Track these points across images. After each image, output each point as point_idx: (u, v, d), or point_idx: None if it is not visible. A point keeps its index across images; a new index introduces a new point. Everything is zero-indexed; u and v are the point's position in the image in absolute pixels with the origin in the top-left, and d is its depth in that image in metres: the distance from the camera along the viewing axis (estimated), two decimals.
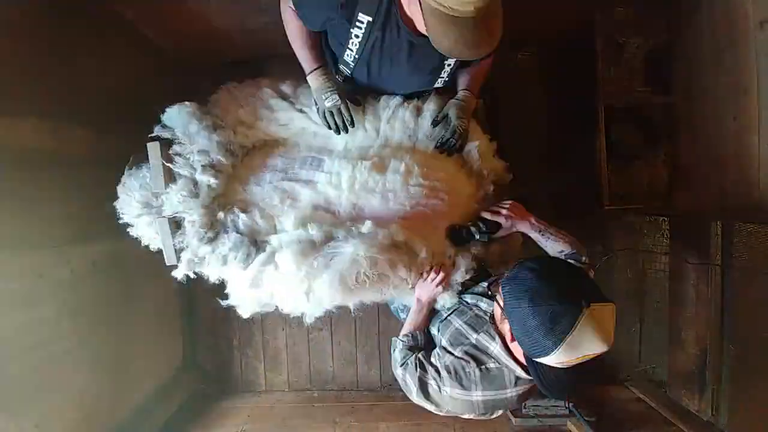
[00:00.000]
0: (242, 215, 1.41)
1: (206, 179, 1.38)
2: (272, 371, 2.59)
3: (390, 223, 1.36)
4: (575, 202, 2.45)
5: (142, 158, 1.42)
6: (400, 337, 1.39)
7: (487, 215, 1.42)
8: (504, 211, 1.40)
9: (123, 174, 1.47)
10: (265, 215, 1.43)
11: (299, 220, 1.38)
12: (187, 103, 1.46)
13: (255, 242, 1.41)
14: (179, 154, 1.38)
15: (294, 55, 1.46)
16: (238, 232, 1.40)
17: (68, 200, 1.59)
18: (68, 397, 1.56)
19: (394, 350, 1.36)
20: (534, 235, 1.42)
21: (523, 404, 2.15)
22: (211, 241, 1.39)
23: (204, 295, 2.52)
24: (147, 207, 1.42)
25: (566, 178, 2.45)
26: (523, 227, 1.42)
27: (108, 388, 1.78)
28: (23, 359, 1.37)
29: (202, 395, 2.46)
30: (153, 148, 1.39)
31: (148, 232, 1.44)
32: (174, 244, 1.40)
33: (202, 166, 1.39)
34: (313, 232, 1.35)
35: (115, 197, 1.47)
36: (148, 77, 2.09)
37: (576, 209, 2.45)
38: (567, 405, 2.12)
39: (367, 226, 1.33)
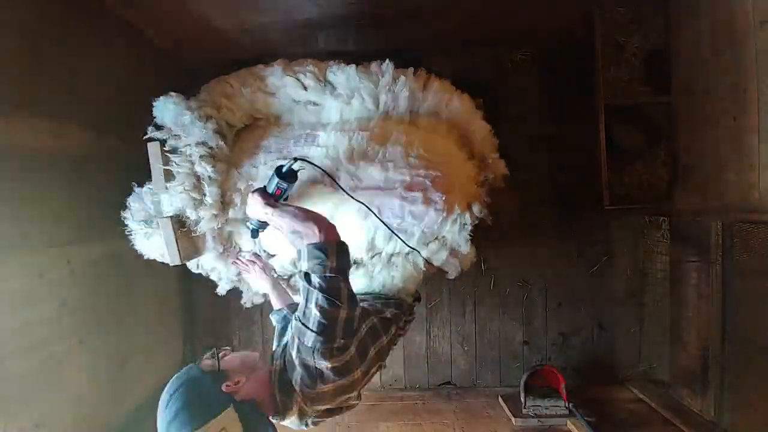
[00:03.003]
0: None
1: (205, 170, 1.39)
2: None
3: None
4: (575, 203, 2.45)
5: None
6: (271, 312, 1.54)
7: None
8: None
9: (122, 174, 1.47)
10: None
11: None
12: (172, 93, 1.47)
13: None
14: (174, 150, 1.39)
15: (293, 55, 1.46)
16: None
17: (68, 200, 1.59)
18: (68, 397, 1.55)
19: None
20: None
21: (524, 404, 2.16)
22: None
23: (204, 295, 2.52)
24: (148, 221, 1.43)
25: (566, 179, 2.46)
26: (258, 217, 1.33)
27: (108, 387, 1.78)
28: (23, 359, 1.37)
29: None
30: (153, 148, 1.39)
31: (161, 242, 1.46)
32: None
33: (201, 156, 1.39)
34: None
35: (115, 197, 1.47)
36: (148, 77, 2.09)
37: (576, 209, 2.45)
38: (567, 405, 2.12)
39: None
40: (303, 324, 1.00)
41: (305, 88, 1.54)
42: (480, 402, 2.37)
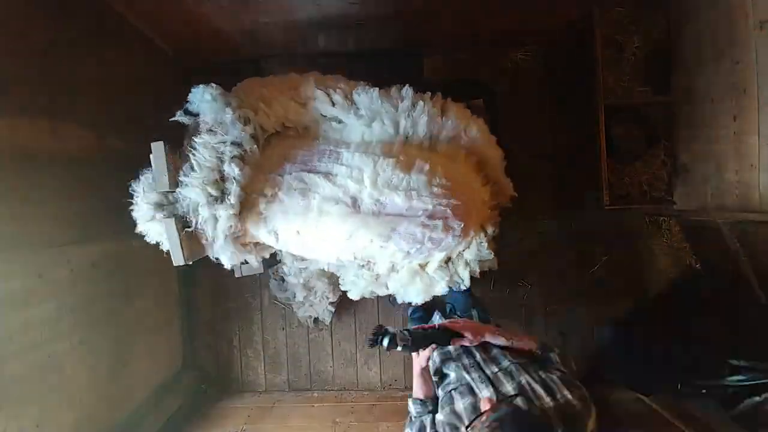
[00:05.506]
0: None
1: (233, 171, 1.40)
2: (272, 371, 2.59)
3: None
4: (575, 203, 2.45)
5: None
6: (413, 399, 1.34)
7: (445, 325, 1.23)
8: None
9: (122, 174, 1.47)
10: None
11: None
12: (213, 84, 1.48)
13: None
14: (206, 144, 1.40)
15: (293, 55, 1.46)
16: None
17: (68, 200, 1.59)
18: (68, 397, 1.55)
19: (409, 413, 1.33)
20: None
21: None
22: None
23: (204, 295, 2.52)
24: (158, 207, 1.43)
25: (566, 179, 2.46)
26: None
27: (108, 388, 1.78)
28: (23, 359, 1.37)
29: (202, 395, 2.47)
30: (157, 148, 1.39)
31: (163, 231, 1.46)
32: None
33: (232, 157, 1.40)
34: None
35: (115, 197, 1.47)
36: (148, 77, 2.09)
37: (576, 209, 2.45)
38: None
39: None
40: None
41: (333, 104, 1.58)
42: None
